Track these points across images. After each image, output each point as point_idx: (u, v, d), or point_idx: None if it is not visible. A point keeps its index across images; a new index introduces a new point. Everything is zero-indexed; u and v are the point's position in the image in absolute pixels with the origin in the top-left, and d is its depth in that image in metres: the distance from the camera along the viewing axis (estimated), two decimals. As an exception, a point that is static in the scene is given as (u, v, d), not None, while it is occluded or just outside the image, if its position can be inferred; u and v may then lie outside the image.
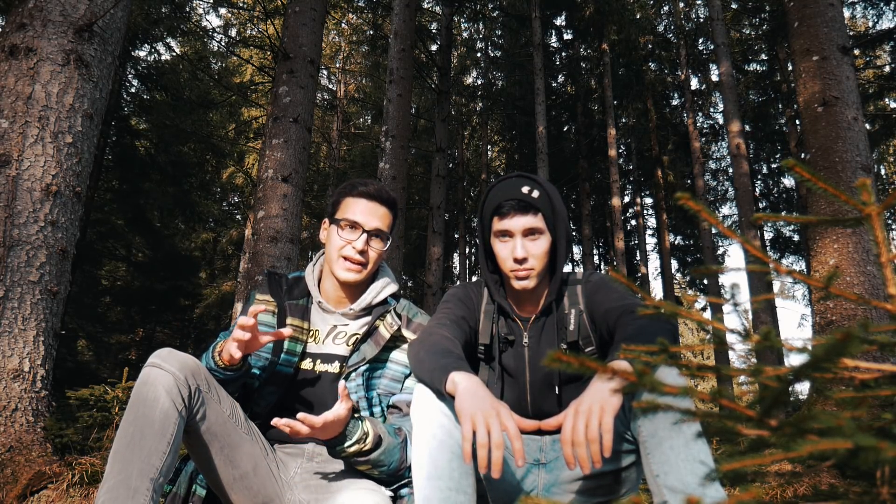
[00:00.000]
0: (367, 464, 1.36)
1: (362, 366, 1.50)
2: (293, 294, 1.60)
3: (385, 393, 1.53)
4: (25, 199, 2.77)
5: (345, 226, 1.55)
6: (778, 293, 11.67)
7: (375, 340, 1.53)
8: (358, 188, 1.59)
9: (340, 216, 1.57)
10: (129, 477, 1.15)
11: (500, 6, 13.69)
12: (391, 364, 1.55)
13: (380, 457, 1.36)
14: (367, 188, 1.59)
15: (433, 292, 9.79)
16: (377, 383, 1.53)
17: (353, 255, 1.53)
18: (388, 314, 1.56)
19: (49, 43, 2.95)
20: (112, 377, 4.98)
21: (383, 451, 1.36)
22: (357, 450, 1.33)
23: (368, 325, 1.55)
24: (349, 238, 1.54)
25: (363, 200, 1.57)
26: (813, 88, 4.24)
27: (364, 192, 1.58)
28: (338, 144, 16.54)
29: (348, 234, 1.55)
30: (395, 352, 1.56)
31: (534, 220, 1.41)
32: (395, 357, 1.56)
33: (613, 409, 1.04)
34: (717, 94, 16.01)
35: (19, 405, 2.63)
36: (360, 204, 1.57)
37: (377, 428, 1.37)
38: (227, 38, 14.55)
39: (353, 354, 1.51)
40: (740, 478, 0.48)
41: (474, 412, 1.05)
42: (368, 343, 1.52)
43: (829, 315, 3.89)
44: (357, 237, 1.53)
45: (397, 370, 1.55)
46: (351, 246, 1.53)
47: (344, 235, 1.55)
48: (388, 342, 1.53)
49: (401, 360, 1.55)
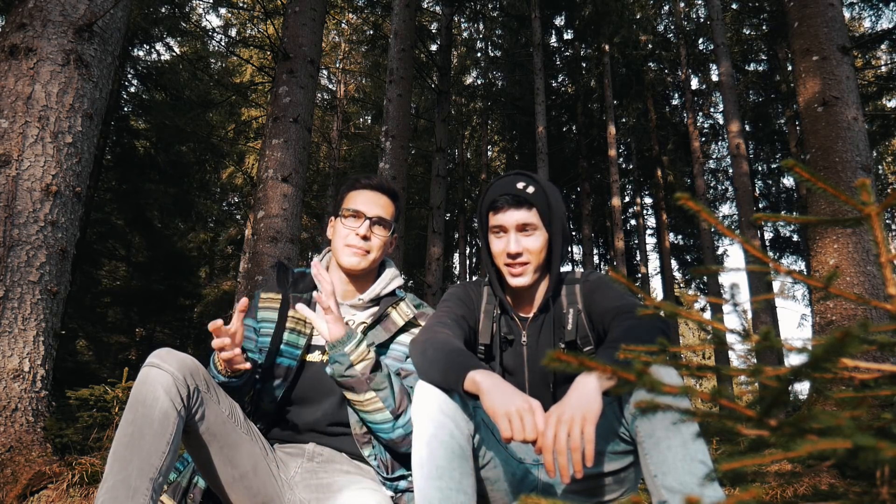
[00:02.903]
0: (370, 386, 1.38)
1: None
2: (298, 287, 1.63)
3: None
4: (25, 199, 2.77)
5: (348, 215, 1.59)
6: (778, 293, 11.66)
7: (385, 326, 1.56)
8: (360, 181, 1.65)
9: (344, 208, 1.61)
10: (128, 477, 1.15)
11: (500, 6, 13.69)
12: (394, 345, 1.57)
13: (383, 380, 1.40)
14: (368, 180, 1.64)
15: (433, 292, 9.79)
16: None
17: (356, 242, 1.56)
18: (402, 302, 1.61)
19: (49, 43, 2.95)
20: (112, 377, 4.98)
21: (383, 378, 1.40)
22: (361, 356, 1.37)
23: (376, 314, 1.57)
24: (353, 226, 1.57)
25: (365, 191, 1.62)
26: (813, 88, 4.24)
27: (366, 184, 1.63)
28: (338, 144, 16.54)
29: (351, 222, 1.58)
30: (403, 335, 1.58)
31: (527, 215, 1.41)
32: (401, 339, 1.58)
33: (594, 417, 1.03)
34: (717, 94, 16.00)
35: (19, 405, 2.63)
36: (362, 195, 1.62)
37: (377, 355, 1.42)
38: (227, 38, 14.54)
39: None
40: (740, 478, 0.48)
41: (509, 410, 1.05)
42: (378, 329, 1.55)
43: (828, 315, 3.89)
44: (360, 224, 1.57)
45: (400, 350, 1.57)
46: (354, 233, 1.56)
47: (347, 224, 1.58)
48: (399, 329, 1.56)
49: (406, 341, 1.57)
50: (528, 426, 1.03)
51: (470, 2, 12.46)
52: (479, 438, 1.25)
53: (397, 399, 1.41)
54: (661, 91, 15.90)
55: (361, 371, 1.37)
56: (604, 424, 1.20)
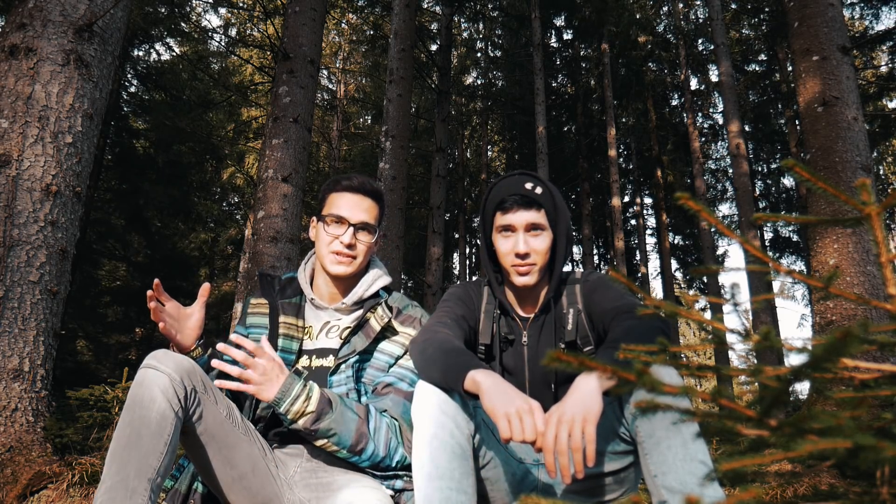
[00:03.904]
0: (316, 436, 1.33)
1: (352, 357, 1.49)
2: (286, 293, 1.61)
3: (370, 382, 1.52)
4: (25, 199, 2.77)
5: (331, 221, 1.55)
6: (778, 293, 11.66)
7: (366, 332, 1.53)
8: (341, 182, 1.59)
9: (326, 212, 1.57)
10: (126, 477, 1.14)
11: (500, 6, 13.69)
12: (378, 354, 1.54)
13: (330, 426, 1.32)
14: (350, 182, 1.58)
15: (433, 292, 9.79)
16: (365, 374, 1.53)
17: (341, 250, 1.53)
18: (378, 307, 1.56)
19: (49, 43, 2.95)
20: (112, 377, 4.98)
21: (334, 419, 1.32)
22: (298, 412, 1.29)
23: (360, 318, 1.55)
24: (336, 233, 1.54)
25: (347, 194, 1.57)
26: (813, 88, 4.24)
27: (348, 186, 1.58)
28: (338, 144, 16.54)
29: (335, 229, 1.55)
30: (384, 342, 1.55)
31: (536, 216, 1.42)
32: (383, 347, 1.55)
33: (595, 417, 1.03)
34: (717, 95, 16.00)
35: (19, 405, 2.63)
36: (344, 198, 1.57)
37: (329, 394, 1.35)
38: (227, 38, 14.54)
39: (344, 346, 1.51)
40: (740, 478, 0.48)
41: (508, 410, 1.05)
42: (359, 335, 1.52)
43: (829, 315, 3.89)
44: (344, 231, 1.54)
45: (382, 360, 1.54)
46: (338, 241, 1.53)
47: (331, 231, 1.55)
48: (378, 334, 1.53)
49: (388, 350, 1.55)
50: (527, 427, 1.03)
51: (470, 2, 12.46)
52: (479, 438, 1.25)
53: (352, 439, 1.34)
54: (660, 91, 15.90)
55: (303, 425, 1.31)
56: (604, 424, 1.20)
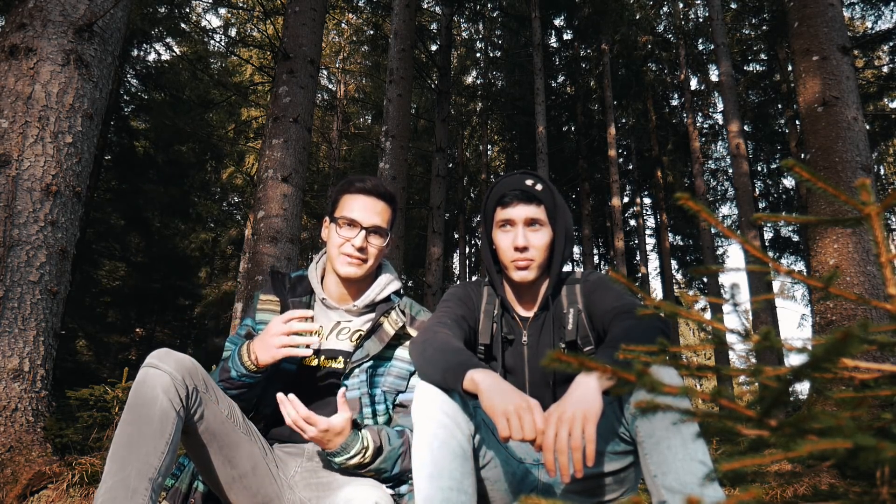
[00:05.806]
0: (368, 472, 1.39)
1: (366, 362, 1.49)
2: (296, 292, 1.61)
3: (390, 390, 1.52)
4: (25, 199, 2.77)
5: (343, 224, 1.55)
6: (778, 293, 11.65)
7: (380, 337, 1.52)
8: (355, 184, 1.58)
9: (339, 214, 1.57)
10: (127, 477, 1.14)
11: (500, 6, 13.69)
12: (396, 361, 1.54)
13: (380, 465, 1.38)
14: (364, 184, 1.58)
15: (433, 292, 9.79)
16: (381, 380, 1.52)
17: (352, 252, 1.53)
18: (392, 311, 1.56)
19: (49, 43, 2.95)
20: (112, 377, 4.98)
21: (383, 459, 1.38)
22: (358, 462, 1.36)
23: (372, 321, 1.54)
24: (348, 236, 1.54)
25: (361, 197, 1.57)
26: (813, 88, 4.24)
27: (361, 189, 1.57)
28: (338, 144, 16.53)
29: (347, 231, 1.54)
30: (400, 349, 1.56)
31: (536, 211, 1.43)
32: (400, 354, 1.55)
33: (595, 417, 1.03)
34: (717, 95, 16.01)
35: (19, 405, 2.63)
36: (357, 200, 1.56)
37: (377, 437, 1.39)
38: (226, 38, 14.53)
39: (357, 351, 1.51)
40: (740, 478, 0.48)
41: (507, 409, 1.05)
42: (372, 339, 1.52)
43: (829, 315, 3.89)
44: (356, 235, 1.53)
45: (402, 367, 1.54)
46: (350, 243, 1.53)
47: (343, 233, 1.54)
48: (391, 339, 1.53)
49: (405, 357, 1.55)
50: (526, 425, 1.03)
51: (470, 2, 12.47)
52: (479, 438, 1.25)
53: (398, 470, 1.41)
54: (660, 91, 15.90)
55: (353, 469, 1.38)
56: (604, 424, 1.20)
